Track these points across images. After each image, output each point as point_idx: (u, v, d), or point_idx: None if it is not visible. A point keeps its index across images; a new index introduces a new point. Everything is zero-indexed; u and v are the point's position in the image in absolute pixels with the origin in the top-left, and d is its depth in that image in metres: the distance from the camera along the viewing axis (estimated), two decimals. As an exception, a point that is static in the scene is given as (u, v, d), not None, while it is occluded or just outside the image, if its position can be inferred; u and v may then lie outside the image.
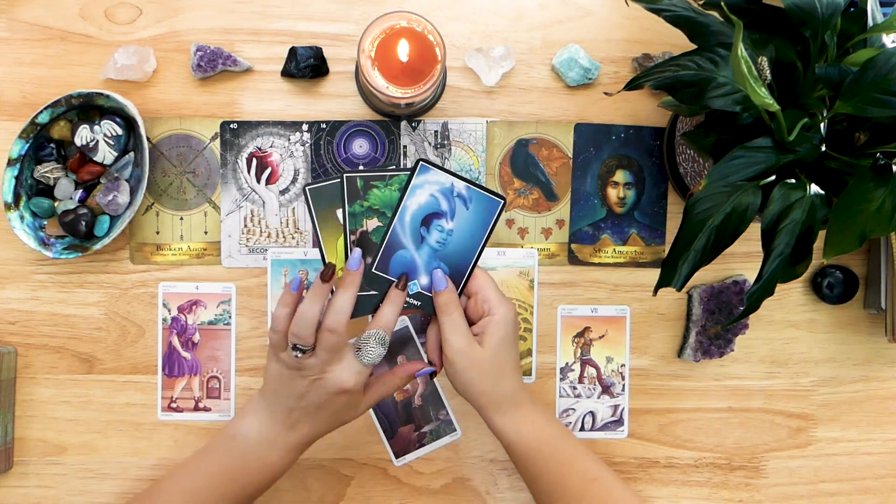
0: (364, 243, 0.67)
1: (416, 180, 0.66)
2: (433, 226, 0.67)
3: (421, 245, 0.67)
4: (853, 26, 0.61)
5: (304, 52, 0.76)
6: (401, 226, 0.67)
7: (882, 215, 0.55)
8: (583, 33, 0.79)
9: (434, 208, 0.67)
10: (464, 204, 0.67)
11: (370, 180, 0.66)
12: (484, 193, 0.67)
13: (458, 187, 0.67)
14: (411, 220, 0.67)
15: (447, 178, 0.67)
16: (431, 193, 0.67)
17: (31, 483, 0.77)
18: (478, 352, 0.65)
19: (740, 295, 0.78)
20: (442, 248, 0.68)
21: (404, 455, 0.78)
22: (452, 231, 0.67)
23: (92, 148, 0.74)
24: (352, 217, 0.66)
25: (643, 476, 0.79)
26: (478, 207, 0.67)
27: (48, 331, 0.77)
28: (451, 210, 0.67)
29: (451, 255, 0.68)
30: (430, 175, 0.67)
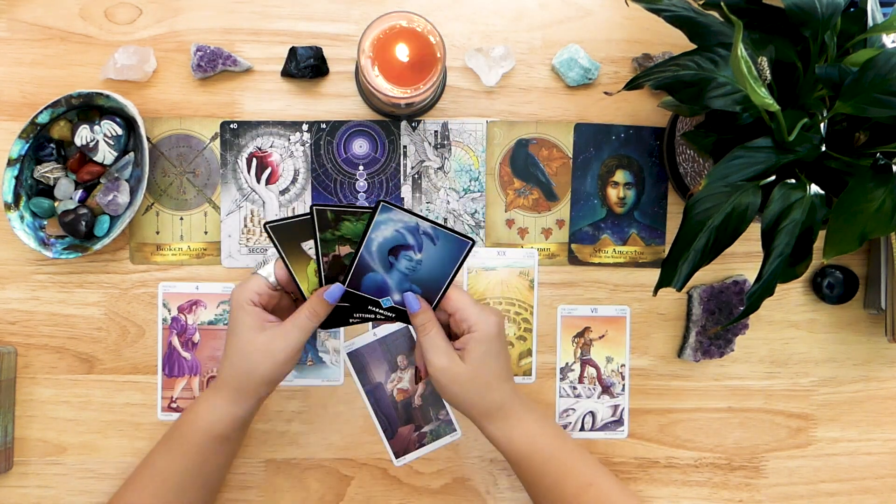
0: (336, 266, 0.67)
1: (378, 217, 0.66)
2: (402, 255, 0.67)
3: (390, 270, 0.67)
4: (853, 26, 0.61)
5: (304, 52, 0.76)
6: (369, 254, 0.67)
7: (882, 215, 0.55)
8: (583, 33, 0.79)
9: (400, 241, 0.67)
10: (431, 241, 0.67)
11: (341, 214, 0.66)
12: (451, 234, 0.66)
13: (424, 226, 0.66)
14: (378, 250, 0.67)
15: (411, 219, 0.66)
16: (396, 229, 0.66)
17: (31, 483, 0.77)
18: (460, 367, 0.65)
19: (740, 295, 0.78)
20: (412, 274, 0.68)
21: (404, 455, 0.78)
22: (421, 262, 0.67)
23: (92, 148, 0.74)
24: (324, 243, 0.67)
25: (643, 476, 0.79)
26: (445, 245, 0.67)
27: (48, 331, 0.77)
28: (418, 244, 0.67)
29: (422, 281, 0.68)
30: (392, 214, 0.66)
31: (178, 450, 0.67)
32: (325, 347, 0.78)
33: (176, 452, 0.67)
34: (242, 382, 0.66)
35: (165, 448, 0.68)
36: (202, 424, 0.66)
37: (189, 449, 0.67)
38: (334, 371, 0.78)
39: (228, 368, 0.66)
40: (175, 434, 0.68)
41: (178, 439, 0.67)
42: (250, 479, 0.78)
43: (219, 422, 0.66)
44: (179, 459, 0.67)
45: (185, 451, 0.67)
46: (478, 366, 0.66)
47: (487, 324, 0.66)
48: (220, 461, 0.69)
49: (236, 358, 0.66)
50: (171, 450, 0.68)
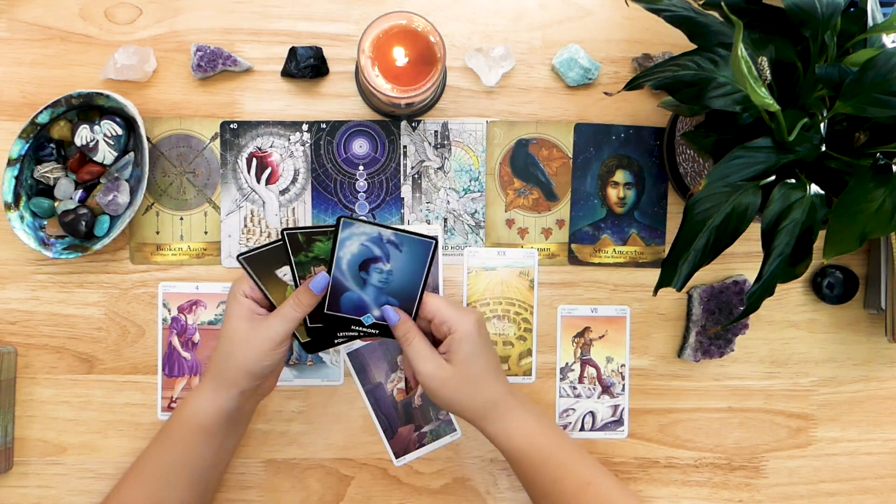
0: None
1: (342, 235, 0.68)
2: (372, 269, 0.69)
3: (365, 286, 0.69)
4: (853, 26, 0.61)
5: (304, 52, 0.76)
6: (341, 274, 0.68)
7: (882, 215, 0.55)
8: (583, 33, 0.79)
9: (367, 254, 0.68)
10: (396, 248, 0.69)
11: (311, 235, 0.68)
12: (413, 237, 0.68)
13: (386, 235, 0.68)
14: (349, 267, 0.69)
15: (373, 229, 0.68)
16: (361, 243, 0.68)
17: (31, 483, 0.77)
18: (446, 371, 0.66)
19: (740, 295, 0.78)
20: (386, 286, 0.69)
21: (404, 455, 0.78)
22: (392, 272, 0.69)
23: (92, 148, 0.74)
24: (299, 266, 0.69)
25: (643, 476, 0.79)
26: (411, 250, 0.69)
27: (48, 331, 0.77)
28: (385, 254, 0.69)
29: (396, 292, 0.69)
30: (354, 228, 0.68)
31: (166, 443, 0.68)
32: (325, 347, 0.78)
33: (165, 446, 0.68)
34: (223, 371, 0.66)
35: (157, 442, 0.69)
36: (187, 417, 0.67)
37: (176, 441, 0.67)
38: (334, 371, 0.78)
39: (213, 357, 0.68)
40: (166, 428, 0.69)
41: (167, 432, 0.68)
42: (250, 479, 0.78)
43: (202, 412, 0.66)
44: (167, 452, 0.68)
45: (172, 444, 0.67)
46: (464, 365, 0.66)
47: (466, 322, 0.67)
48: (207, 456, 0.68)
49: (220, 346, 0.67)
50: (162, 443, 0.68)
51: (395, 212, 0.78)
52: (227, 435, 0.69)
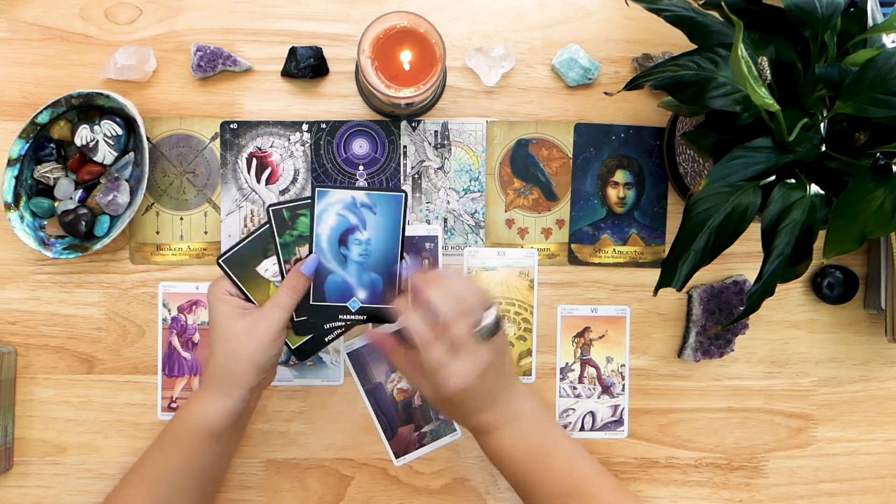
0: None
1: (318, 206, 0.68)
2: (350, 241, 0.69)
3: (346, 264, 0.69)
4: (853, 26, 0.61)
5: (304, 52, 0.76)
6: (321, 254, 0.69)
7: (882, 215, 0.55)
8: (583, 33, 0.79)
9: (345, 225, 0.69)
10: (370, 210, 0.69)
11: (296, 209, 0.69)
12: (384, 194, 0.69)
13: (359, 197, 0.69)
14: (329, 244, 0.69)
15: (346, 194, 0.69)
16: (337, 213, 0.69)
17: (31, 483, 0.77)
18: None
19: (740, 295, 0.78)
20: (366, 260, 0.70)
21: (404, 455, 0.78)
22: (370, 240, 0.69)
23: (92, 148, 0.74)
24: (284, 247, 0.69)
25: (643, 476, 0.79)
26: (384, 209, 0.69)
27: (48, 331, 0.77)
28: (361, 221, 0.69)
29: (378, 262, 0.70)
30: (329, 197, 0.69)
31: (170, 448, 0.67)
32: (325, 348, 0.78)
33: (169, 451, 0.67)
34: (229, 372, 0.65)
35: (159, 447, 0.68)
36: (193, 422, 0.66)
37: (181, 447, 0.66)
38: (334, 371, 0.78)
39: (213, 361, 0.66)
40: (168, 433, 0.68)
41: (171, 438, 0.67)
42: (250, 479, 0.78)
43: (210, 418, 0.65)
44: (172, 458, 0.66)
45: (177, 450, 0.66)
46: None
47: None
48: (213, 460, 0.68)
49: (219, 348, 0.65)
50: (165, 449, 0.67)
51: (395, 212, 0.78)
52: (233, 436, 0.69)
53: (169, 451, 0.67)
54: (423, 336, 0.63)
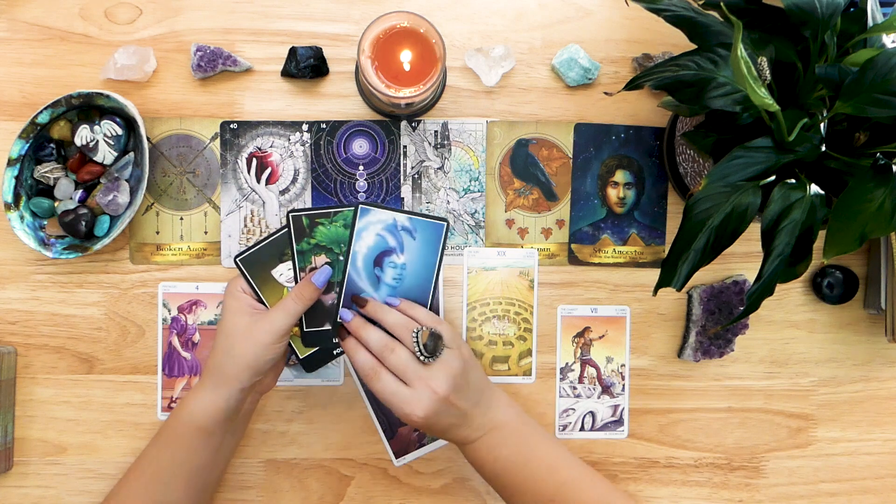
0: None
1: (359, 224, 0.68)
2: (386, 264, 0.69)
3: (378, 286, 0.69)
4: (853, 26, 0.61)
5: (304, 52, 0.76)
6: (355, 271, 0.69)
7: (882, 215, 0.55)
8: (583, 33, 0.79)
9: (383, 247, 0.69)
10: (410, 235, 0.69)
11: (315, 218, 0.69)
12: (426, 220, 0.69)
13: (401, 221, 0.69)
14: (364, 263, 0.69)
15: (388, 215, 0.69)
16: (377, 233, 0.69)
17: (31, 483, 0.77)
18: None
19: (740, 295, 0.78)
20: (399, 285, 0.69)
21: (404, 455, 0.78)
22: (405, 265, 0.69)
23: (92, 148, 0.74)
24: (300, 255, 0.69)
25: (643, 476, 0.79)
26: (424, 235, 0.70)
27: (48, 331, 0.77)
28: (399, 244, 0.69)
29: (410, 289, 0.70)
30: (371, 216, 0.69)
31: (164, 443, 0.67)
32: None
33: (163, 445, 0.67)
34: (224, 368, 0.65)
35: (155, 442, 0.68)
36: (186, 416, 0.66)
37: (174, 441, 0.67)
38: (334, 371, 0.78)
39: (212, 355, 0.67)
40: (165, 428, 0.68)
41: (166, 432, 0.68)
42: (250, 479, 0.78)
43: (201, 412, 0.66)
44: (165, 452, 0.67)
45: (170, 444, 0.67)
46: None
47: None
48: (206, 456, 0.68)
49: (219, 343, 0.66)
50: (160, 443, 0.68)
51: (395, 212, 0.78)
52: (227, 434, 0.69)
53: (162, 445, 0.68)
54: (364, 368, 0.65)
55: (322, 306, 0.69)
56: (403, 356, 0.64)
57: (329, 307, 0.69)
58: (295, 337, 0.70)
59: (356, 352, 0.66)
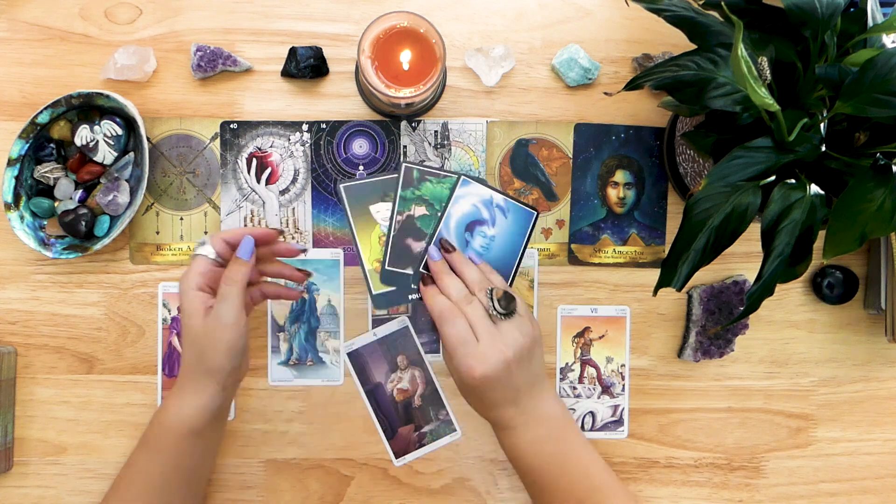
0: (409, 226, 0.70)
1: (458, 191, 0.70)
2: (476, 231, 0.71)
3: (466, 249, 0.71)
4: (853, 26, 0.61)
5: (304, 52, 0.76)
6: (447, 231, 0.70)
7: (882, 215, 0.55)
8: (583, 33, 0.79)
9: (476, 216, 0.71)
10: (503, 213, 0.72)
11: (425, 173, 0.70)
12: (519, 205, 0.72)
13: (497, 199, 0.71)
14: (456, 226, 0.71)
15: (487, 191, 0.71)
16: (473, 203, 0.71)
17: (31, 483, 0.77)
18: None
19: (740, 295, 0.78)
20: (486, 252, 0.71)
21: (404, 455, 0.78)
22: (494, 237, 0.71)
23: (92, 148, 0.74)
24: (402, 201, 0.70)
25: (643, 476, 0.79)
26: (515, 217, 0.72)
27: (48, 331, 0.77)
28: (491, 218, 0.71)
29: (494, 260, 0.72)
30: (470, 188, 0.71)
31: (154, 449, 0.66)
32: (325, 347, 0.78)
33: (153, 452, 0.66)
34: (198, 370, 0.64)
35: (143, 449, 0.67)
36: (173, 422, 0.65)
37: (164, 447, 0.66)
38: (334, 371, 0.78)
39: (184, 361, 0.65)
40: (150, 434, 0.67)
41: (154, 439, 0.67)
42: (250, 479, 0.78)
43: (188, 416, 0.65)
44: (157, 458, 0.66)
45: (160, 450, 0.66)
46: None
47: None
48: (198, 458, 0.67)
49: (187, 350, 0.65)
50: (149, 450, 0.67)
51: (395, 212, 0.78)
52: (214, 431, 0.68)
53: (152, 452, 0.66)
54: (441, 308, 0.65)
55: (409, 251, 0.70)
56: (480, 310, 0.65)
57: (415, 254, 0.70)
58: (374, 273, 0.70)
59: (436, 296, 0.66)
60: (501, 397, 0.65)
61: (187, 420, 0.65)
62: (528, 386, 0.66)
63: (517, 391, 0.65)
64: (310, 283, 0.77)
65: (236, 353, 0.64)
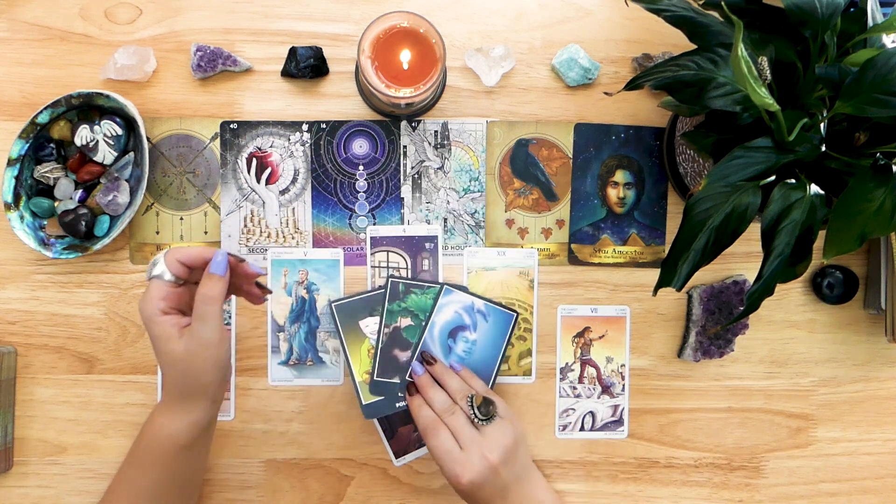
0: (396, 338, 0.75)
1: (441, 300, 0.76)
2: (459, 337, 0.76)
3: (449, 355, 0.75)
4: (853, 26, 0.61)
5: (304, 52, 0.76)
6: (431, 338, 0.75)
7: (882, 215, 0.55)
8: (583, 33, 0.79)
9: (458, 322, 0.76)
10: (483, 318, 0.76)
11: (410, 287, 0.76)
12: (499, 309, 0.76)
13: (478, 305, 0.76)
14: (440, 333, 0.75)
15: (468, 298, 0.76)
16: (455, 310, 0.76)
17: (31, 483, 0.77)
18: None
19: (740, 295, 0.78)
20: (468, 357, 0.75)
21: (404, 455, 0.78)
22: (476, 341, 0.76)
23: (92, 148, 0.74)
24: (389, 314, 0.75)
25: (643, 476, 0.79)
26: (495, 320, 0.76)
27: (48, 331, 0.77)
28: (473, 323, 0.76)
29: (475, 364, 0.76)
30: (453, 296, 0.76)
31: (146, 463, 0.65)
32: (325, 347, 0.78)
33: (146, 466, 0.65)
34: (186, 389, 0.63)
35: (135, 462, 0.66)
36: (163, 437, 0.64)
37: (156, 461, 0.65)
38: (334, 371, 0.78)
39: (167, 382, 0.64)
40: (139, 450, 0.66)
41: (145, 452, 0.66)
42: (250, 479, 0.78)
43: (179, 432, 0.64)
44: (149, 472, 0.65)
45: (152, 464, 0.65)
46: None
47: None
48: (191, 468, 0.67)
49: (169, 372, 0.63)
50: (142, 464, 0.66)
51: (395, 212, 0.78)
52: (206, 440, 0.68)
53: (145, 466, 0.66)
54: (426, 422, 0.69)
55: (396, 361, 0.74)
56: (462, 419, 0.68)
57: (402, 363, 0.75)
58: (363, 384, 0.74)
59: (421, 407, 0.70)
60: (490, 494, 0.67)
61: (180, 436, 0.64)
62: (515, 480, 0.68)
63: (505, 488, 0.67)
64: (310, 282, 0.77)
65: (223, 366, 0.64)
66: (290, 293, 0.77)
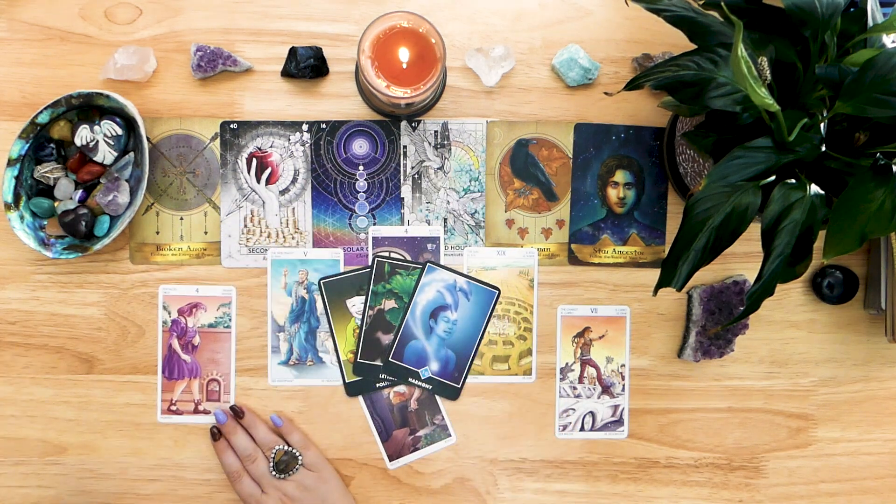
0: (379, 320, 0.76)
1: (424, 279, 0.77)
2: (440, 317, 0.77)
3: (430, 335, 0.77)
4: (853, 26, 0.61)
5: (304, 52, 0.76)
6: (412, 319, 0.77)
7: (882, 215, 0.55)
8: (583, 33, 0.79)
9: (440, 302, 0.77)
10: (465, 296, 0.77)
11: (396, 267, 0.77)
12: (481, 286, 0.77)
13: (460, 283, 0.77)
14: (422, 313, 0.77)
15: (451, 276, 0.77)
16: (438, 289, 0.77)
17: (31, 483, 0.77)
18: None
19: (740, 295, 0.78)
20: (448, 337, 0.76)
21: (398, 458, 0.78)
22: (457, 321, 0.77)
23: (92, 148, 0.74)
24: (374, 296, 0.76)
25: (643, 476, 0.79)
26: (477, 298, 0.77)
27: (48, 331, 0.77)
28: (454, 302, 0.77)
29: (456, 343, 0.77)
30: (435, 274, 0.77)
31: None
32: (325, 347, 0.78)
33: None
34: None
35: None
36: None
37: None
38: (334, 371, 0.78)
39: None
40: None
41: None
42: (250, 479, 0.77)
43: None
44: None
45: None
46: None
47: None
48: None
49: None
50: None
51: (395, 212, 0.78)
52: None
53: None
54: (229, 469, 0.74)
55: (379, 343, 0.76)
56: (263, 466, 0.74)
57: (384, 346, 0.76)
58: (347, 363, 0.76)
59: (224, 452, 0.75)
60: None
61: None
62: None
63: None
64: (310, 283, 0.77)
65: None
66: (290, 293, 0.77)
